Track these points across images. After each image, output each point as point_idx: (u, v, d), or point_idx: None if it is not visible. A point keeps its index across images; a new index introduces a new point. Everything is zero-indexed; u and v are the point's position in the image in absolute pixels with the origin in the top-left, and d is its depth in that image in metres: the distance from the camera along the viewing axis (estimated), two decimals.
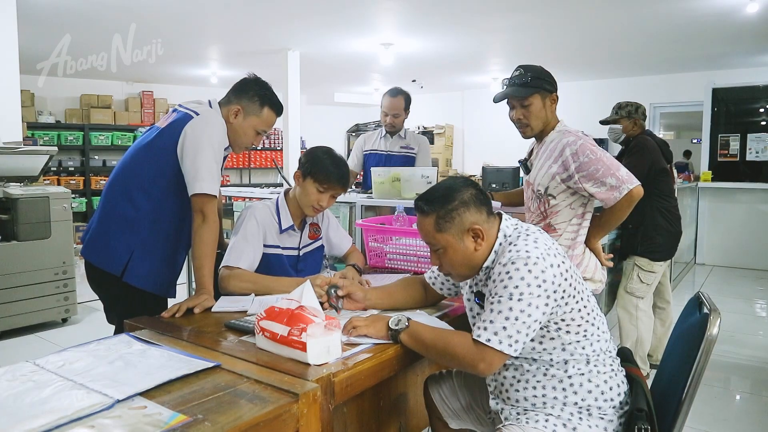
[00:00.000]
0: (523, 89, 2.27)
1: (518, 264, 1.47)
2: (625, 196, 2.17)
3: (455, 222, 1.57)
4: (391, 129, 4.00)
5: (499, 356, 1.45)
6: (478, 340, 1.46)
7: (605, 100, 5.61)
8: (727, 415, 3.25)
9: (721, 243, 7.50)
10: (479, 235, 1.58)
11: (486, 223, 1.60)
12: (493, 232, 1.61)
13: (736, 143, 7.61)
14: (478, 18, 5.60)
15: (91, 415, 1.11)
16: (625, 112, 3.67)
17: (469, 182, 1.66)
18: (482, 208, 1.60)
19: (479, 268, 1.62)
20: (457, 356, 1.50)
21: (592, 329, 1.57)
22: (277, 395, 1.23)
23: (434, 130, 10.91)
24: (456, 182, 1.64)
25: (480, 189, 1.65)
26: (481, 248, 1.59)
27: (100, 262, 2.13)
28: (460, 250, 1.59)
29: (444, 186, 1.63)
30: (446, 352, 1.52)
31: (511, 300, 1.45)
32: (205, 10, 5.27)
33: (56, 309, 4.68)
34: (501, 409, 1.63)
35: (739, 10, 5.05)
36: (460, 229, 1.57)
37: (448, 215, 1.57)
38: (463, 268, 1.63)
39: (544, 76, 2.30)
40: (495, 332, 1.45)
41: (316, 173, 2.24)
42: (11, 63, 4.49)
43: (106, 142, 8.70)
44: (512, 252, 1.50)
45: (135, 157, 2.18)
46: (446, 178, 1.72)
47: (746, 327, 4.85)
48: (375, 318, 1.65)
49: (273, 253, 2.31)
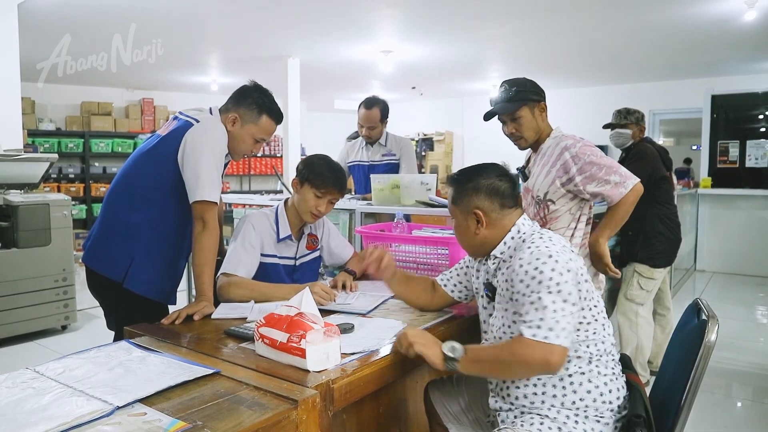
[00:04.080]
0: (509, 105, 2.29)
1: (543, 258, 1.51)
2: (630, 190, 2.20)
3: (464, 201, 1.71)
4: (369, 140, 3.95)
5: (561, 350, 1.44)
6: (535, 339, 1.44)
7: (604, 107, 5.62)
8: (728, 422, 3.25)
9: (721, 249, 7.51)
10: (480, 221, 1.68)
11: (494, 212, 1.68)
12: (505, 224, 1.69)
13: (736, 150, 7.63)
14: (477, 25, 5.62)
15: (91, 422, 1.11)
16: (634, 118, 3.71)
17: (498, 173, 1.73)
18: (495, 199, 1.68)
19: (485, 251, 1.72)
20: (526, 360, 1.46)
21: (599, 329, 1.60)
22: (276, 402, 1.23)
23: (434, 137, 10.92)
24: (484, 169, 1.74)
25: (510, 182, 1.73)
26: (482, 233, 1.69)
27: (101, 269, 2.13)
28: (463, 227, 1.73)
29: (473, 168, 1.77)
30: (513, 361, 1.48)
31: (550, 294, 1.47)
32: (205, 17, 5.28)
33: (56, 316, 4.68)
34: (499, 408, 1.64)
35: (738, 17, 5.07)
36: (466, 209, 1.71)
37: (462, 192, 1.73)
38: (465, 243, 1.78)
39: (529, 87, 2.31)
40: (550, 328, 1.44)
41: (313, 179, 2.27)
42: (12, 70, 4.50)
43: (107, 149, 8.71)
44: (532, 249, 1.56)
45: (136, 165, 2.19)
46: (488, 162, 1.79)
47: (747, 334, 4.85)
48: (428, 338, 1.60)
49: (270, 263, 2.32)
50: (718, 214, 7.55)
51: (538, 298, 1.48)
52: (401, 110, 11.04)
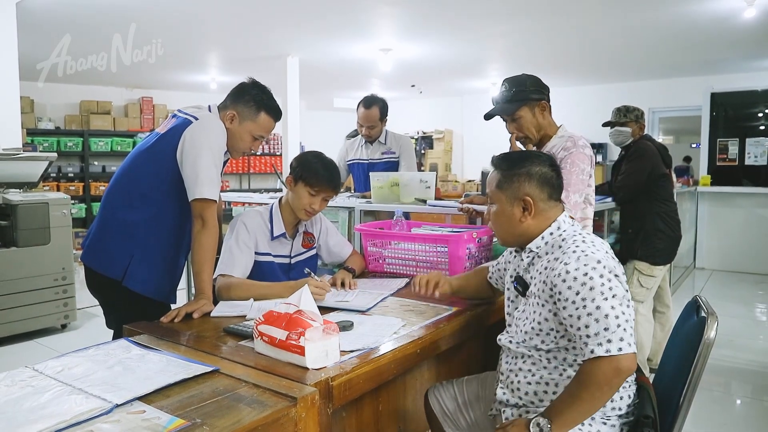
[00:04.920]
0: (508, 106, 2.28)
1: (591, 263, 1.47)
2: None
3: (513, 186, 1.65)
4: (368, 139, 3.96)
5: (630, 357, 1.39)
6: (611, 355, 1.38)
7: (604, 105, 5.61)
8: (727, 420, 3.25)
9: (720, 247, 7.51)
10: (528, 208, 1.64)
11: (542, 202, 1.65)
12: (548, 215, 1.65)
13: (735, 148, 7.62)
14: (476, 23, 5.62)
15: (89, 420, 1.11)
16: (633, 116, 3.71)
17: (549, 163, 1.69)
18: (545, 188, 1.65)
19: (522, 242, 1.68)
20: (601, 387, 1.39)
21: None
22: (275, 399, 1.23)
23: (433, 135, 10.92)
24: (535, 156, 1.71)
25: (558, 173, 1.70)
26: (527, 222, 1.65)
27: (100, 267, 2.13)
28: (507, 214, 1.67)
29: (524, 154, 1.74)
30: (594, 395, 1.40)
31: (606, 300, 1.42)
32: (204, 16, 5.28)
33: (55, 315, 4.67)
34: (506, 401, 1.63)
35: (737, 15, 5.06)
36: (514, 195, 1.65)
37: (510, 178, 1.66)
38: (503, 231, 1.71)
39: (529, 85, 2.29)
40: (621, 338, 1.39)
41: (307, 177, 2.27)
42: (11, 69, 4.50)
43: (106, 148, 8.71)
44: (578, 253, 1.51)
45: (135, 163, 2.18)
46: (540, 151, 1.78)
47: (746, 331, 4.85)
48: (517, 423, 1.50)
49: (265, 261, 2.32)
50: (717, 212, 7.55)
51: (596, 308, 1.42)
52: (401, 108, 11.03)
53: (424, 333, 1.75)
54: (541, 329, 1.57)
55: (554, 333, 1.55)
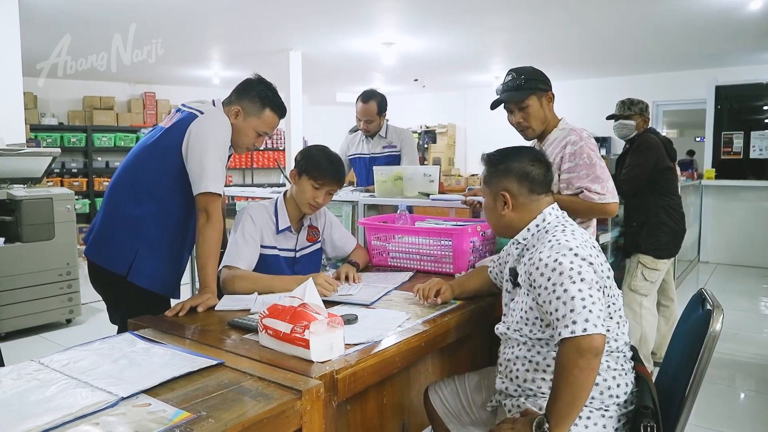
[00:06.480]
0: (518, 93, 2.27)
1: (563, 251, 1.51)
2: (600, 204, 2.17)
3: (494, 182, 1.75)
4: (368, 133, 3.95)
5: (600, 338, 1.40)
6: (575, 336, 1.40)
7: (608, 99, 5.60)
8: (732, 413, 3.25)
9: (724, 241, 7.48)
10: (506, 203, 1.70)
11: (522, 196, 1.70)
12: (531, 209, 1.70)
13: (740, 141, 7.58)
14: (479, 17, 5.60)
15: (95, 413, 1.11)
16: (638, 109, 3.69)
17: (532, 158, 1.73)
18: (524, 183, 1.70)
19: (510, 233, 1.75)
20: (571, 371, 1.39)
21: (614, 327, 1.59)
22: (280, 392, 1.23)
23: (436, 130, 10.90)
24: (519, 152, 1.76)
25: (543, 168, 1.73)
26: (508, 215, 1.72)
27: (104, 262, 2.13)
28: (491, 208, 1.78)
29: (508, 150, 1.78)
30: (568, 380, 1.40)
31: (574, 283, 1.45)
32: (206, 10, 5.27)
33: (60, 310, 4.69)
34: (505, 389, 1.64)
35: (742, 7, 5.04)
36: (496, 189, 1.74)
37: (492, 174, 1.76)
38: (492, 223, 1.83)
39: (537, 76, 2.29)
40: (586, 319, 1.40)
41: (311, 170, 2.26)
42: (14, 65, 4.50)
43: (109, 143, 8.72)
44: (552, 242, 1.56)
45: (139, 157, 2.18)
46: (524, 146, 1.83)
47: (750, 325, 4.84)
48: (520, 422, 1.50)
49: (270, 254, 2.32)
50: (721, 205, 7.52)
51: (563, 291, 1.45)
52: (403, 102, 11.02)
53: (429, 326, 1.75)
54: (528, 318, 1.60)
55: (539, 322, 1.58)
